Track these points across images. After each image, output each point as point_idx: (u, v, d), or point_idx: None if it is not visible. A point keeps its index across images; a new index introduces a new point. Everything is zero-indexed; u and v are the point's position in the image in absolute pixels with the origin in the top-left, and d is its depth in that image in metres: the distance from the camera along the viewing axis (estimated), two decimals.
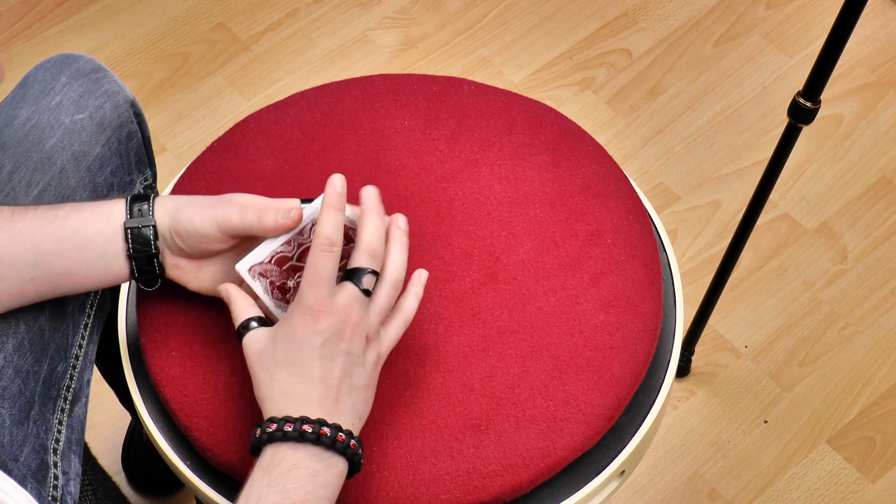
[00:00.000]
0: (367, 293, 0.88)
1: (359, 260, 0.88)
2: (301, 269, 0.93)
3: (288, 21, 1.99)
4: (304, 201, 0.96)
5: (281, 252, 0.92)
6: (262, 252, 0.92)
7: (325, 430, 0.84)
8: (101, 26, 1.99)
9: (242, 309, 0.92)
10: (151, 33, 1.98)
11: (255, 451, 0.85)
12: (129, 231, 0.93)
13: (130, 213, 0.93)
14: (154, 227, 0.93)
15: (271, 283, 0.93)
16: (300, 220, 0.92)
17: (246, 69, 1.94)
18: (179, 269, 0.96)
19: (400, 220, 0.92)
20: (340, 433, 0.84)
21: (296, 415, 0.84)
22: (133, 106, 1.10)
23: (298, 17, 2.00)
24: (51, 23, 1.99)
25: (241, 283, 0.94)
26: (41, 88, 1.07)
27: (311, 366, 0.86)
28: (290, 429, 0.83)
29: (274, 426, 0.84)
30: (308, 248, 0.93)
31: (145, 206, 0.93)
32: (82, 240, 0.92)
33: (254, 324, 0.90)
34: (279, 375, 0.87)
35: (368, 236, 0.89)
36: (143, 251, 0.93)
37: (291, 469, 0.83)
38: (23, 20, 1.99)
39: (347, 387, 0.87)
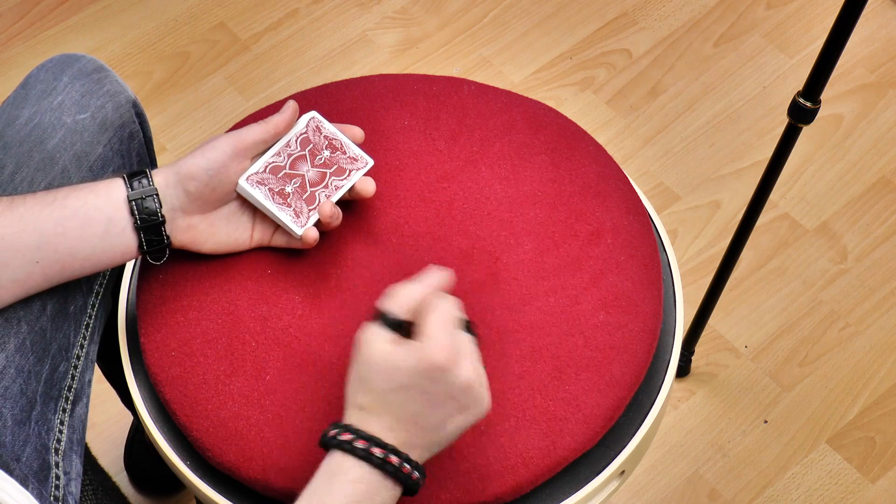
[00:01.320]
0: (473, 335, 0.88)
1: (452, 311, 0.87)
2: (296, 175, 1.00)
3: (288, 21, 1.99)
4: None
5: (273, 162, 0.99)
6: (257, 165, 0.98)
7: (393, 458, 0.83)
8: (101, 26, 1.99)
9: (400, 296, 0.87)
10: (151, 33, 1.98)
11: (325, 447, 0.85)
12: (133, 203, 0.94)
13: (131, 187, 0.94)
14: (156, 195, 0.94)
15: (270, 189, 0.98)
16: (297, 110, 1.00)
17: (246, 69, 1.94)
18: (193, 229, 0.97)
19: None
20: (406, 464, 0.84)
21: (377, 435, 0.84)
22: (135, 106, 1.11)
23: (298, 17, 2.00)
24: (51, 23, 1.99)
25: (242, 205, 1.00)
26: (43, 88, 1.07)
27: (407, 406, 0.84)
28: (360, 446, 0.83)
29: (348, 436, 0.83)
30: (297, 157, 1.00)
31: (145, 179, 0.95)
32: (84, 218, 0.93)
33: (389, 318, 0.85)
34: (369, 393, 0.84)
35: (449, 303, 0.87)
36: (150, 220, 0.94)
37: (354, 482, 0.83)
38: (23, 20, 1.99)
39: (438, 435, 0.86)
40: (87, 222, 0.93)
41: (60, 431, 1.00)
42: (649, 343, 1.00)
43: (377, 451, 0.83)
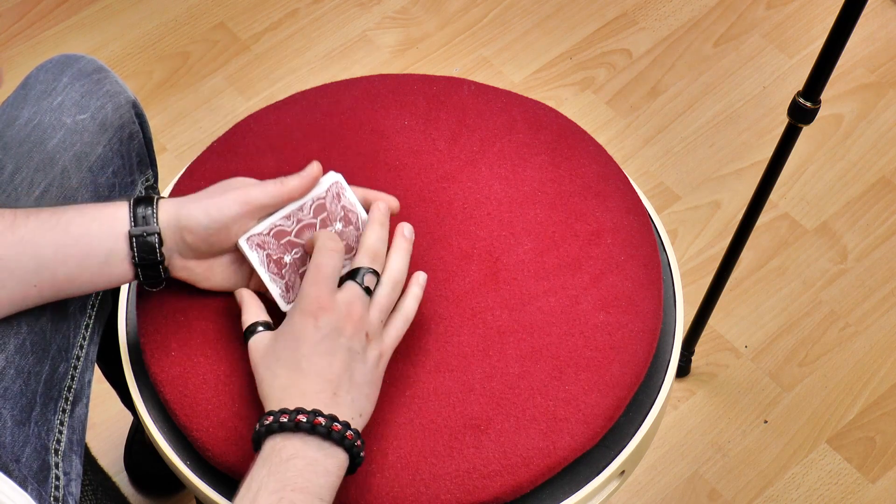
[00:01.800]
0: (368, 291, 0.90)
1: (360, 260, 0.91)
2: (299, 245, 0.95)
3: (288, 21, 1.99)
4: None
5: (280, 226, 0.94)
6: (262, 225, 0.94)
7: (320, 419, 0.84)
8: (101, 26, 1.99)
9: (251, 313, 0.94)
10: (151, 33, 1.98)
11: (257, 446, 0.86)
12: (133, 239, 0.92)
13: (134, 219, 0.93)
14: (158, 234, 0.93)
15: (268, 255, 0.95)
16: (319, 173, 0.95)
17: (246, 69, 1.94)
18: (188, 270, 0.96)
19: (405, 229, 0.95)
20: (336, 423, 0.85)
21: (292, 407, 0.85)
22: (135, 107, 1.11)
23: (298, 17, 2.00)
24: (51, 23, 1.99)
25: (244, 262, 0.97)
26: (43, 89, 1.07)
27: (309, 361, 0.87)
28: (285, 420, 0.84)
29: (271, 418, 0.85)
30: (307, 224, 0.95)
31: (149, 212, 0.93)
32: (85, 247, 0.92)
33: (260, 328, 0.92)
34: (279, 373, 0.88)
35: (370, 239, 0.93)
36: (148, 259, 0.93)
37: (290, 459, 0.84)
38: (23, 20, 1.99)
39: (347, 382, 0.87)
40: (88, 252, 0.92)
41: (60, 432, 1.00)
42: (649, 343, 1.00)
43: (302, 417, 0.84)
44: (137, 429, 1.58)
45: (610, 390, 0.97)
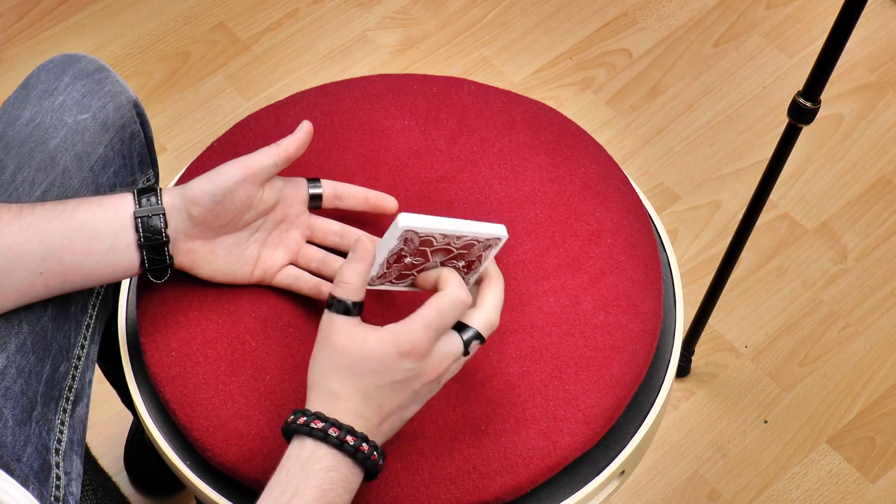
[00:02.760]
0: (466, 353, 0.88)
1: (478, 322, 0.88)
2: (426, 257, 0.89)
3: (288, 21, 1.99)
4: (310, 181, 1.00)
5: (432, 237, 0.87)
6: (426, 225, 0.86)
7: (365, 446, 0.85)
8: (101, 26, 1.99)
9: (348, 278, 0.87)
10: (151, 33, 1.98)
11: (289, 436, 0.86)
12: (139, 220, 0.93)
13: (139, 204, 0.94)
14: (163, 214, 0.93)
15: (401, 249, 0.88)
16: (310, 131, 0.96)
17: (246, 69, 1.94)
18: (192, 254, 0.96)
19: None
20: (375, 452, 0.86)
21: (344, 422, 0.85)
22: (136, 106, 1.11)
23: (298, 17, 2.00)
24: (51, 23, 1.99)
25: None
26: (44, 89, 1.07)
27: (379, 392, 0.86)
28: (334, 434, 0.84)
29: (320, 424, 0.84)
30: (446, 249, 0.89)
31: (153, 198, 0.94)
32: (91, 232, 0.93)
33: (345, 302, 0.86)
34: (344, 381, 0.86)
35: (496, 304, 0.89)
36: (153, 240, 0.93)
37: (329, 470, 0.84)
38: (23, 20, 1.99)
39: (397, 417, 0.88)
40: (94, 236, 0.93)
41: (61, 432, 1.00)
42: (649, 343, 1.00)
43: (350, 440, 0.84)
44: (137, 429, 1.58)
45: (610, 390, 0.97)
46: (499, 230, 0.88)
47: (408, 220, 0.85)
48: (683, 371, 1.66)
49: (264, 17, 2.00)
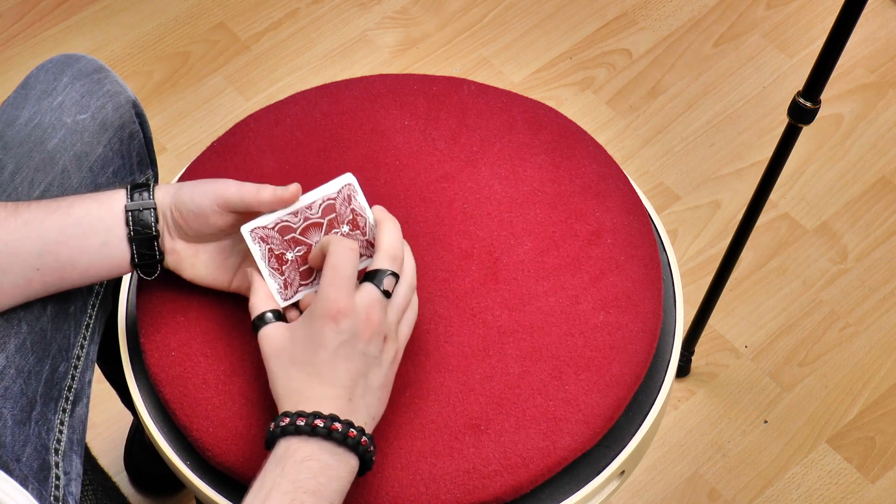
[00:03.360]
0: (387, 294, 0.89)
1: (380, 262, 0.90)
2: (303, 243, 0.94)
3: (288, 21, 1.99)
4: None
5: (286, 221, 0.94)
6: (268, 218, 0.93)
7: (337, 425, 0.85)
8: (101, 26, 1.99)
9: (261, 299, 0.93)
10: (151, 33, 1.98)
11: (270, 444, 0.86)
12: (129, 213, 0.93)
13: (131, 199, 0.94)
14: (154, 209, 0.94)
15: (270, 249, 0.94)
16: (297, 196, 0.93)
17: (246, 69, 1.94)
18: (176, 254, 0.96)
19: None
20: (352, 429, 0.85)
21: (309, 410, 0.85)
22: (135, 106, 1.11)
23: (298, 17, 2.00)
24: (51, 23, 1.99)
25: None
26: (43, 89, 1.07)
27: (327, 366, 0.86)
28: (302, 423, 0.84)
29: (287, 420, 0.85)
30: (314, 223, 0.94)
31: (146, 192, 0.94)
32: (86, 227, 0.93)
33: (269, 315, 0.91)
34: (295, 374, 0.87)
35: (389, 239, 0.91)
36: (143, 234, 0.94)
37: (304, 460, 0.84)
38: (23, 20, 1.99)
39: (362, 387, 0.88)
40: (89, 232, 0.93)
41: (60, 432, 1.00)
42: (649, 343, 1.00)
43: (319, 422, 0.84)
44: (137, 429, 1.58)
45: (610, 390, 0.97)
46: (342, 178, 0.93)
47: (249, 224, 0.92)
48: (683, 371, 1.66)
49: (264, 17, 2.00)
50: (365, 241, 0.95)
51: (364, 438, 0.86)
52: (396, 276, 0.90)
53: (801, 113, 1.24)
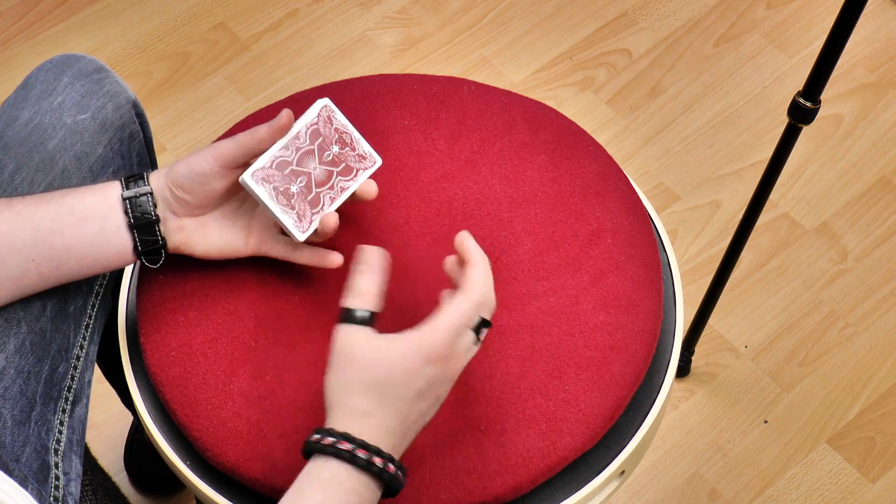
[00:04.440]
0: (477, 343, 0.88)
1: (483, 310, 0.87)
2: (302, 173, 0.96)
3: (288, 21, 1.99)
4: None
5: (280, 157, 0.95)
6: (263, 159, 0.94)
7: (392, 467, 0.83)
8: (101, 26, 1.99)
9: (363, 289, 0.87)
10: (151, 33, 1.98)
11: (309, 454, 0.84)
12: (127, 201, 0.93)
13: (126, 188, 0.94)
14: (151, 193, 0.94)
15: (275, 188, 0.94)
16: (291, 121, 0.94)
17: (246, 69, 1.94)
18: (184, 230, 0.96)
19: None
20: (400, 472, 0.84)
21: (367, 440, 0.83)
22: (135, 106, 1.11)
23: (298, 17, 2.00)
24: (51, 23, 1.99)
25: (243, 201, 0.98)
26: (43, 89, 1.07)
27: (405, 403, 0.84)
28: (363, 455, 0.82)
29: (348, 445, 0.82)
30: (306, 151, 0.96)
31: (141, 181, 0.94)
32: (80, 215, 0.93)
33: (362, 314, 0.86)
34: (371, 396, 0.84)
35: (486, 287, 0.87)
36: (143, 219, 0.94)
37: (348, 493, 0.82)
38: (23, 20, 1.99)
39: (418, 426, 0.86)
40: (83, 219, 0.93)
41: (60, 432, 1.00)
42: (649, 343, 1.00)
43: (377, 461, 0.82)
44: (137, 429, 1.58)
45: (610, 390, 0.97)
46: (318, 102, 0.97)
47: (247, 171, 0.94)
48: (683, 371, 1.66)
49: (264, 17, 2.00)
50: (357, 155, 0.97)
51: (401, 475, 0.84)
52: (490, 324, 0.88)
53: (801, 113, 1.24)
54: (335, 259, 0.98)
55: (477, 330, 0.86)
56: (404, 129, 1.10)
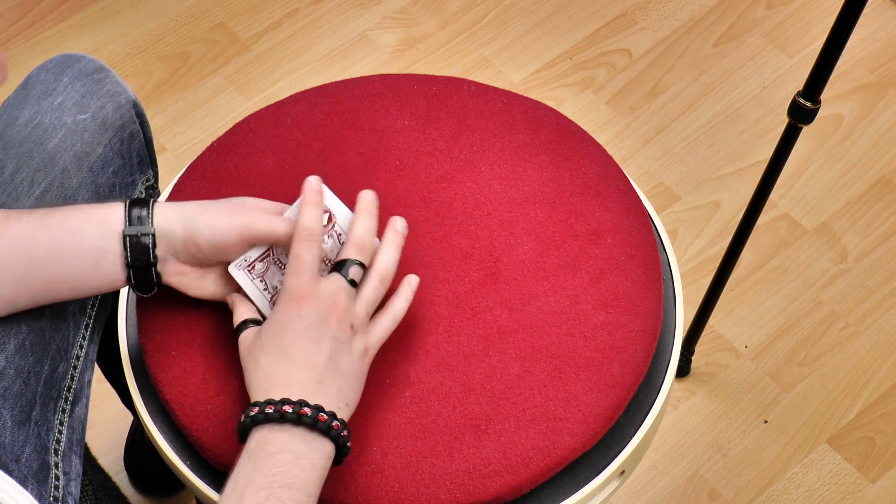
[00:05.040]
0: (354, 284, 0.90)
1: (346, 252, 0.91)
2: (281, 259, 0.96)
3: (288, 21, 1.99)
4: None
5: (268, 251, 0.95)
6: (253, 253, 0.94)
7: (307, 409, 0.84)
8: (101, 26, 1.99)
9: (242, 312, 0.95)
10: (151, 33, 1.98)
11: (243, 437, 0.86)
12: (127, 239, 0.92)
13: (129, 220, 0.92)
14: (153, 235, 0.92)
15: (258, 276, 0.95)
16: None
17: (246, 69, 1.94)
18: (182, 275, 0.95)
19: (398, 223, 0.95)
20: (322, 413, 0.85)
21: (278, 397, 0.85)
22: (135, 106, 1.11)
23: (298, 17, 2.00)
24: (51, 23, 1.99)
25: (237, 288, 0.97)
26: (43, 89, 1.07)
27: (294, 348, 0.87)
28: (271, 410, 0.84)
29: (256, 409, 0.85)
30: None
31: (144, 213, 0.92)
32: (76, 247, 0.92)
33: (250, 324, 0.93)
34: (264, 361, 0.88)
35: (358, 231, 0.92)
36: (141, 260, 0.92)
37: (277, 453, 0.83)
38: (23, 20, 1.99)
39: (332, 371, 0.87)
40: (79, 252, 0.92)
41: (60, 432, 1.00)
42: (649, 343, 1.00)
43: (288, 408, 0.84)
44: (137, 429, 1.58)
45: (610, 390, 0.97)
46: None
47: (234, 264, 0.95)
48: (683, 371, 1.66)
49: (264, 17, 2.00)
50: (336, 235, 0.96)
51: (336, 423, 0.85)
52: (363, 265, 0.90)
53: (801, 113, 1.24)
54: None
55: (346, 271, 0.89)
56: (404, 129, 1.10)
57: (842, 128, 1.88)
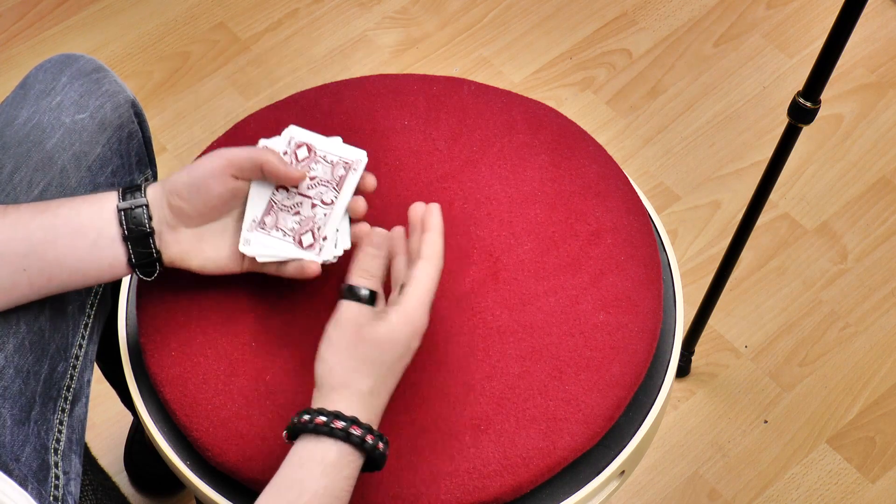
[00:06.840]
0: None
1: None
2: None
3: (288, 21, 1.99)
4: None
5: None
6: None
7: (381, 445, 0.87)
8: (101, 26, 1.99)
9: (370, 269, 0.92)
10: (151, 33, 1.98)
11: (293, 435, 0.87)
12: (122, 213, 0.93)
13: (122, 199, 0.94)
14: (146, 206, 0.93)
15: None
16: (302, 177, 0.95)
17: (246, 69, 1.94)
18: (179, 243, 0.95)
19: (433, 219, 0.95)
20: (381, 442, 0.87)
21: (361, 417, 0.86)
22: (134, 106, 1.10)
23: (298, 17, 2.00)
24: (51, 23, 1.99)
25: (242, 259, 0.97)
26: (42, 88, 1.07)
27: (395, 379, 0.89)
28: (339, 427, 0.85)
29: (322, 420, 0.85)
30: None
31: (137, 193, 0.94)
32: (74, 227, 0.92)
33: (365, 291, 0.90)
34: (375, 374, 0.88)
35: (442, 253, 0.93)
36: (138, 231, 0.93)
37: (351, 478, 0.86)
38: (23, 20, 1.99)
39: (393, 383, 0.90)
40: (77, 231, 0.92)
41: (60, 431, 1.00)
42: (649, 343, 1.00)
43: (369, 439, 0.86)
44: (137, 429, 1.58)
45: (610, 390, 0.97)
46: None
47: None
48: (683, 371, 1.66)
49: (264, 17, 2.00)
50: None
51: (381, 444, 0.87)
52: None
53: (801, 113, 1.24)
54: (312, 268, 0.97)
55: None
56: (404, 129, 1.10)
57: (842, 128, 1.88)
